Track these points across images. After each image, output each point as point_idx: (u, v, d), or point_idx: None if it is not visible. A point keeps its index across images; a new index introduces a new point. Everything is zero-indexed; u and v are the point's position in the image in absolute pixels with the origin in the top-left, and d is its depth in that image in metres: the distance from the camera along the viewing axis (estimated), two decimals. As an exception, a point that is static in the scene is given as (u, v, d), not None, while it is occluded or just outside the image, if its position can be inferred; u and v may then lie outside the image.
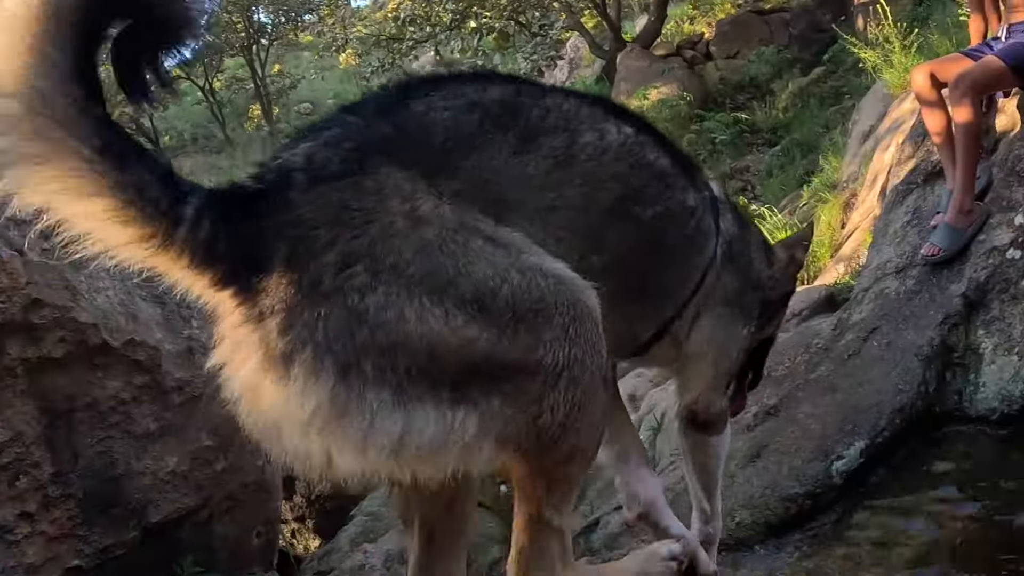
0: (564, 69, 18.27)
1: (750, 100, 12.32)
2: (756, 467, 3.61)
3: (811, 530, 3.37)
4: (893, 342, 3.92)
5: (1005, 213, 4.00)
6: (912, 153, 4.92)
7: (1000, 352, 3.73)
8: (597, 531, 4.09)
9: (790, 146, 10.27)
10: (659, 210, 1.76)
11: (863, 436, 3.55)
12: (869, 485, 3.52)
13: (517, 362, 1.36)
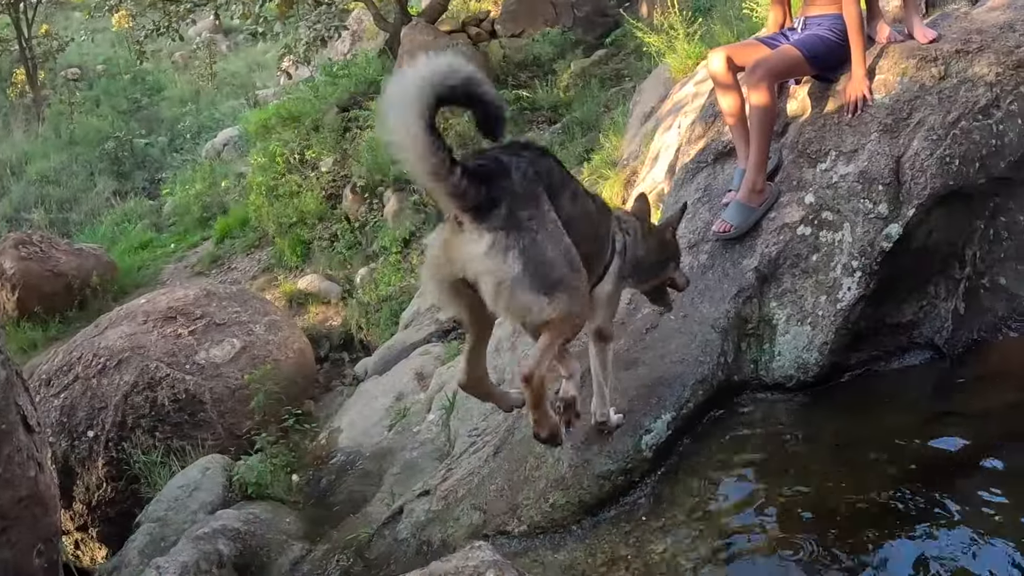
0: (347, 41, 17.85)
1: (532, 79, 12.47)
2: (566, 446, 3.58)
3: (627, 506, 3.42)
4: (690, 315, 4.04)
5: (795, 192, 4.21)
6: (703, 133, 5.08)
7: (793, 323, 3.93)
8: (402, 520, 3.97)
9: (571, 124, 10.49)
10: (601, 231, 3.10)
11: (669, 409, 3.64)
12: (677, 456, 3.61)
13: (575, 282, 2.64)
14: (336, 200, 11.69)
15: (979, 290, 4.14)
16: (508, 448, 3.84)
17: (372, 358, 7.89)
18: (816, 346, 3.84)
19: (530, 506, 3.49)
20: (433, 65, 2.30)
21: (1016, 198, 4.24)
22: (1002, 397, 3.74)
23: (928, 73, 4.19)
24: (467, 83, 2.34)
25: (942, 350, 3.97)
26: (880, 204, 3.93)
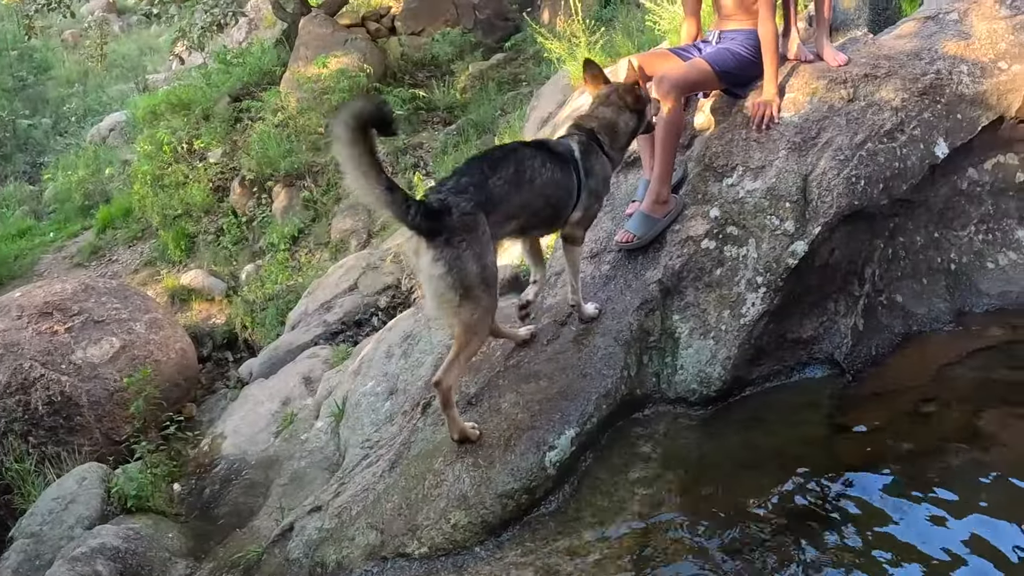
0: (243, 28, 17.37)
1: (430, 78, 12.38)
2: (465, 463, 3.50)
3: (531, 525, 3.34)
4: (592, 327, 3.98)
5: (700, 205, 4.20)
6: (606, 140, 5.02)
7: (696, 336, 3.91)
8: (293, 538, 3.78)
9: (466, 126, 10.45)
10: (561, 187, 3.68)
11: (573, 424, 3.57)
12: (580, 471, 3.55)
13: (484, 298, 3.37)
14: (223, 193, 11.36)
15: (877, 307, 4.23)
16: (404, 463, 3.70)
17: (257, 360, 7.63)
18: (719, 360, 3.83)
19: (431, 527, 3.36)
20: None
21: (915, 219, 4.37)
22: (897, 411, 3.81)
23: (837, 95, 4.27)
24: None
25: (841, 365, 4.02)
26: (787, 221, 3.96)
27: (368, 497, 3.68)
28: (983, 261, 4.53)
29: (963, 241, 4.54)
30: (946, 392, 3.93)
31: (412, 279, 7.06)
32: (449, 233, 3.22)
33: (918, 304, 4.34)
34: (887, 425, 3.72)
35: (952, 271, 4.48)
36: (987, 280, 4.50)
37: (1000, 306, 4.44)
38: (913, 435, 3.66)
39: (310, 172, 10.64)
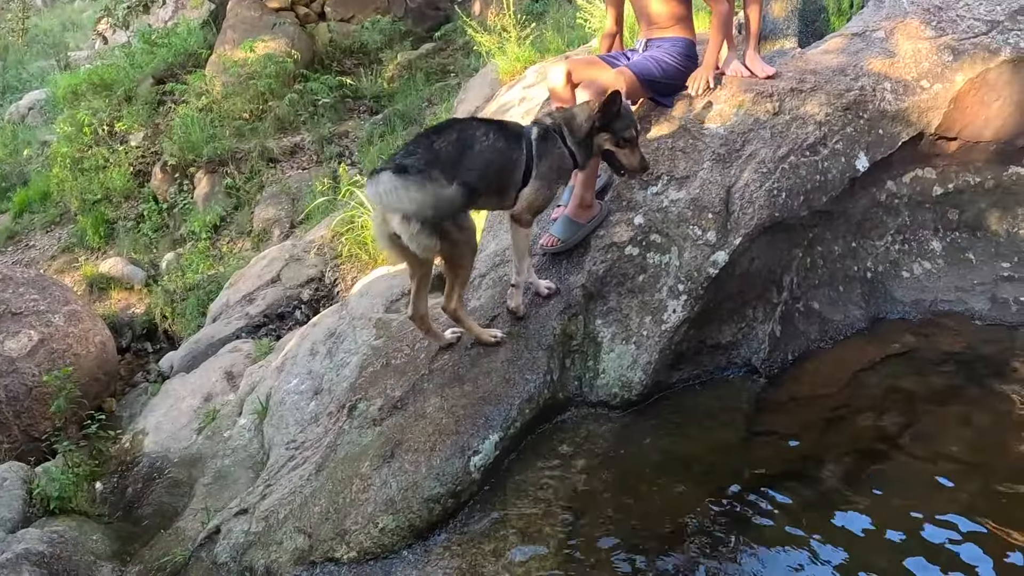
0: (170, 7, 16.98)
1: (358, 66, 12.27)
2: (392, 467, 3.52)
3: (457, 529, 3.37)
4: (515, 331, 4.02)
5: (625, 212, 4.26)
6: (534, 142, 5.04)
7: (618, 341, 3.98)
8: (220, 541, 3.74)
9: (392, 116, 10.38)
10: (508, 163, 3.79)
11: (496, 428, 3.61)
12: (503, 475, 3.59)
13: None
14: (144, 178, 11.10)
15: (794, 314, 4.34)
16: (331, 466, 3.70)
17: (178, 353, 7.48)
18: (640, 365, 3.90)
19: (359, 531, 3.37)
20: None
21: (833, 229, 4.50)
22: (813, 415, 3.93)
23: (763, 108, 4.37)
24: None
25: (759, 370, 4.13)
26: (709, 231, 4.04)
27: (295, 500, 3.67)
28: (898, 270, 4.69)
29: (879, 251, 4.68)
30: (858, 398, 4.05)
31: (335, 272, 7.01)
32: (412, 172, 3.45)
33: (834, 311, 4.47)
34: (801, 430, 3.83)
35: (868, 279, 4.62)
36: (902, 288, 4.65)
37: (913, 313, 4.59)
38: (826, 440, 3.78)
39: (233, 158, 10.47)
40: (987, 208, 4.76)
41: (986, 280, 4.66)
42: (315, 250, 7.35)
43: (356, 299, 5.28)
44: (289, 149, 10.59)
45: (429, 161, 3.50)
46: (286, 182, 9.99)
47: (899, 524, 3.30)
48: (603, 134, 3.92)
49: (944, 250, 4.76)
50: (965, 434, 3.84)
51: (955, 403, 4.02)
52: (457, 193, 3.42)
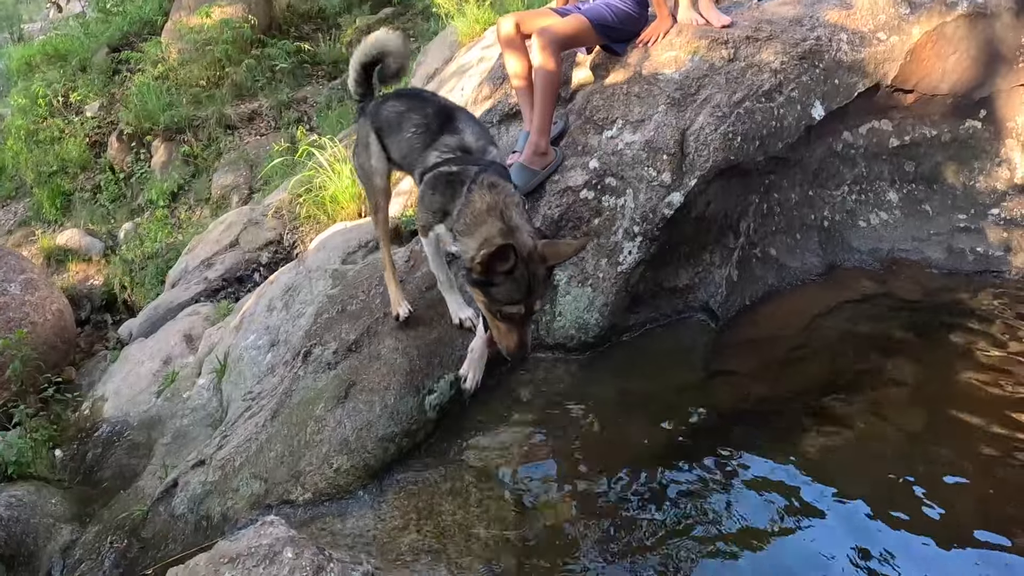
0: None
1: (316, 31, 12.08)
2: (347, 408, 3.50)
3: (413, 468, 3.36)
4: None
5: (580, 157, 4.26)
6: (489, 94, 5.06)
7: (574, 284, 3.97)
8: (178, 494, 3.72)
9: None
10: (416, 143, 3.58)
11: (452, 368, 3.60)
12: (460, 415, 3.59)
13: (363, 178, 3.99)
14: (101, 148, 10.93)
15: (751, 259, 4.37)
16: (286, 412, 3.67)
17: (137, 319, 7.40)
18: (596, 307, 3.90)
19: (313, 472, 3.36)
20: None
21: (789, 177, 4.52)
22: (770, 357, 3.96)
23: (718, 54, 4.37)
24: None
25: (716, 314, 4.14)
26: (663, 173, 4.03)
27: (251, 448, 3.65)
28: (855, 220, 4.73)
29: (836, 200, 4.72)
30: (815, 341, 4.10)
31: (293, 234, 6.95)
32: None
33: (791, 258, 4.50)
34: (759, 371, 3.87)
35: (825, 228, 4.65)
36: (859, 238, 4.70)
37: (871, 261, 4.65)
38: (782, 380, 3.82)
39: (190, 126, 10.33)
40: (944, 161, 4.81)
41: (943, 231, 4.72)
42: (272, 213, 7.27)
43: (313, 254, 5.25)
44: (247, 115, 10.46)
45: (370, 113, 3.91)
46: (244, 149, 9.88)
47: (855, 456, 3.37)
48: (476, 290, 3.04)
49: (901, 201, 4.81)
50: (920, 375, 3.89)
51: (911, 346, 4.07)
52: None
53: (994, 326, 4.18)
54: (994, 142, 4.78)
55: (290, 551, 2.06)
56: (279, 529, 2.15)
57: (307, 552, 2.07)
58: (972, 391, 3.73)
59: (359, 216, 6.11)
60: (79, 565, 3.83)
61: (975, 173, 4.79)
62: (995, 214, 4.70)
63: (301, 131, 8.40)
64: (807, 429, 3.51)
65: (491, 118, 4.81)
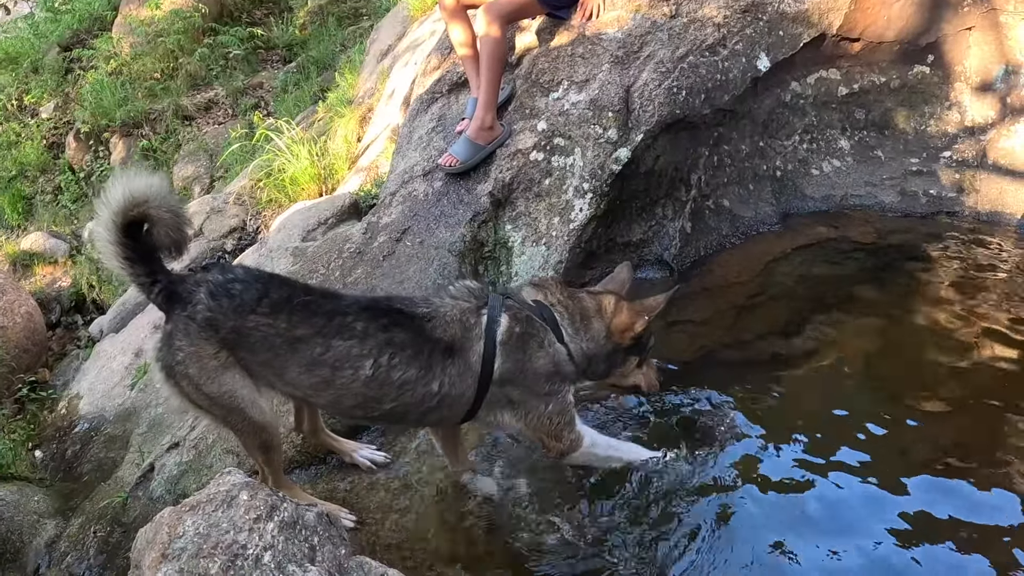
0: (71, -28, 16.35)
1: (268, 16, 11.95)
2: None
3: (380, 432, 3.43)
4: (426, 240, 4.06)
5: (528, 120, 4.30)
6: (438, 64, 5.07)
7: (529, 244, 4.03)
8: (155, 478, 3.77)
9: (306, 63, 10.20)
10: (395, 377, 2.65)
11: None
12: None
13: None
14: (59, 149, 10.83)
15: (704, 211, 4.44)
16: (254, 387, 3.71)
17: (107, 316, 7.36)
18: (551, 265, 3.95)
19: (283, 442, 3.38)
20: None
21: (739, 129, 4.59)
22: (726, 303, 4.05)
23: (660, 11, 4.42)
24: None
25: (671, 266, 4.22)
26: (610, 130, 4.08)
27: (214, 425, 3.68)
28: (808, 168, 4.81)
29: (788, 150, 4.79)
30: (771, 286, 4.19)
31: (256, 219, 6.95)
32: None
33: (744, 208, 4.58)
34: (717, 318, 3.96)
35: (778, 177, 4.73)
36: (812, 185, 4.78)
37: (824, 208, 4.74)
38: (740, 326, 3.91)
39: (148, 120, 10.24)
40: (894, 107, 4.88)
41: (895, 175, 4.81)
42: (235, 199, 7.25)
43: (274, 234, 5.27)
44: (204, 105, 10.38)
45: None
46: (203, 139, 9.82)
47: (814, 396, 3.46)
48: (630, 359, 2.92)
49: (852, 148, 4.89)
50: (877, 314, 3.99)
51: (867, 286, 4.18)
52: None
53: (948, 265, 4.28)
54: (943, 86, 4.84)
55: (245, 494, 2.12)
56: (236, 477, 2.22)
57: (261, 494, 2.14)
58: (929, 328, 3.84)
59: (319, 195, 6.12)
60: (65, 557, 3.85)
61: (926, 118, 4.86)
62: (947, 157, 4.78)
63: (258, 116, 8.33)
64: (766, 372, 3.58)
65: (440, 87, 4.83)
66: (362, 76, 7.97)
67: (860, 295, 4.11)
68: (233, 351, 2.58)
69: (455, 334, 2.61)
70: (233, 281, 2.61)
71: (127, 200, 2.48)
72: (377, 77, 7.33)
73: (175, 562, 1.98)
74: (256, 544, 2.03)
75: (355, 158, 6.44)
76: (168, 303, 2.62)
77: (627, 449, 2.93)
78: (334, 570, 2.10)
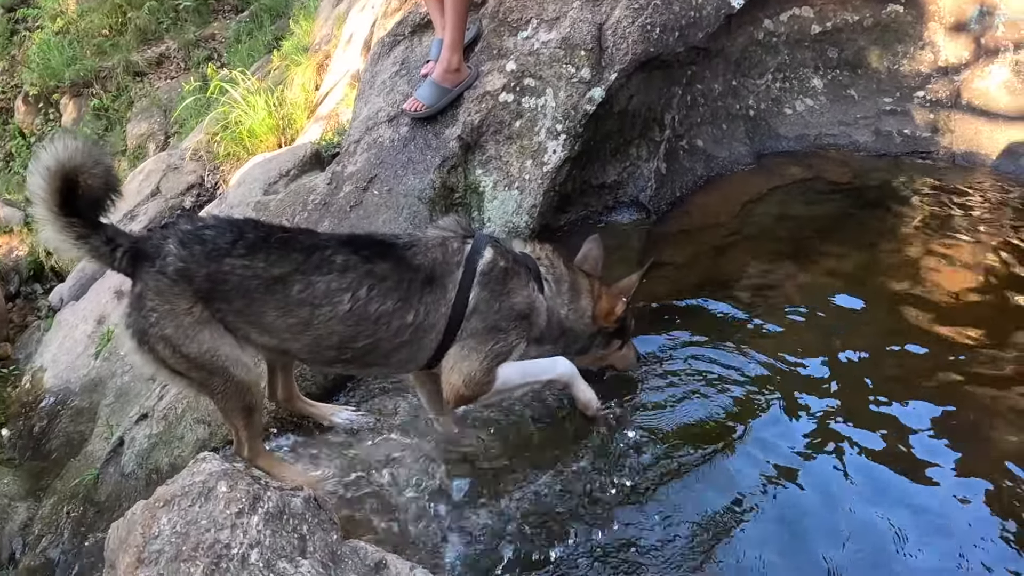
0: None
1: (218, -37, 11.73)
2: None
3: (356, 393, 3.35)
4: (394, 188, 3.93)
5: (496, 60, 4.15)
6: (399, 6, 4.94)
7: (501, 188, 3.91)
8: (125, 452, 3.63)
9: (259, 11, 10.02)
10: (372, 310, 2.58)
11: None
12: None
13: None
14: (8, 114, 10.60)
15: (679, 152, 4.35)
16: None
17: (66, 284, 7.20)
18: (525, 209, 3.84)
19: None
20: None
21: (712, 68, 4.50)
22: (703, 245, 4.00)
23: (633, -54, 4.24)
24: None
25: (647, 207, 4.12)
26: (583, 69, 3.95)
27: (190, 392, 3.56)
28: (781, 107, 4.75)
29: (761, 89, 4.73)
30: (748, 226, 4.14)
31: (215, 174, 6.79)
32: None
33: (719, 148, 4.51)
34: (694, 259, 3.90)
35: (751, 117, 4.67)
36: (785, 125, 4.74)
37: (798, 148, 4.70)
38: (718, 267, 3.86)
39: (98, 78, 10.04)
40: (867, 46, 4.83)
41: (869, 114, 4.78)
42: (191, 155, 7.07)
43: (234, 190, 5.12)
44: (155, 60, 10.18)
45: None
46: (155, 94, 9.62)
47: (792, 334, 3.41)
48: (613, 341, 2.96)
49: (826, 87, 4.84)
50: (853, 252, 3.96)
51: (845, 225, 4.15)
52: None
53: (924, 205, 4.26)
54: (917, 25, 4.77)
55: (224, 485, 1.96)
56: (212, 464, 2.05)
57: (241, 483, 1.98)
58: (904, 265, 3.82)
59: (279, 146, 5.97)
60: (39, 541, 3.73)
61: (899, 57, 4.81)
62: (921, 96, 4.74)
63: (211, 68, 8.14)
64: (743, 311, 3.55)
65: (402, 30, 4.67)
66: (317, 22, 7.81)
67: (836, 235, 4.07)
68: (208, 303, 2.44)
69: (435, 259, 2.54)
70: (204, 228, 2.48)
71: (50, 176, 2.31)
72: (333, 23, 7.17)
73: (153, 567, 1.82)
74: (241, 542, 1.86)
75: (314, 107, 6.30)
76: (134, 264, 2.45)
77: (538, 369, 2.76)
78: (327, 560, 1.93)
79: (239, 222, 2.55)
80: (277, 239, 2.48)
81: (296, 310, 2.44)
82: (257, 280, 2.42)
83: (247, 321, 2.47)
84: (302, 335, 2.48)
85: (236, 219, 2.60)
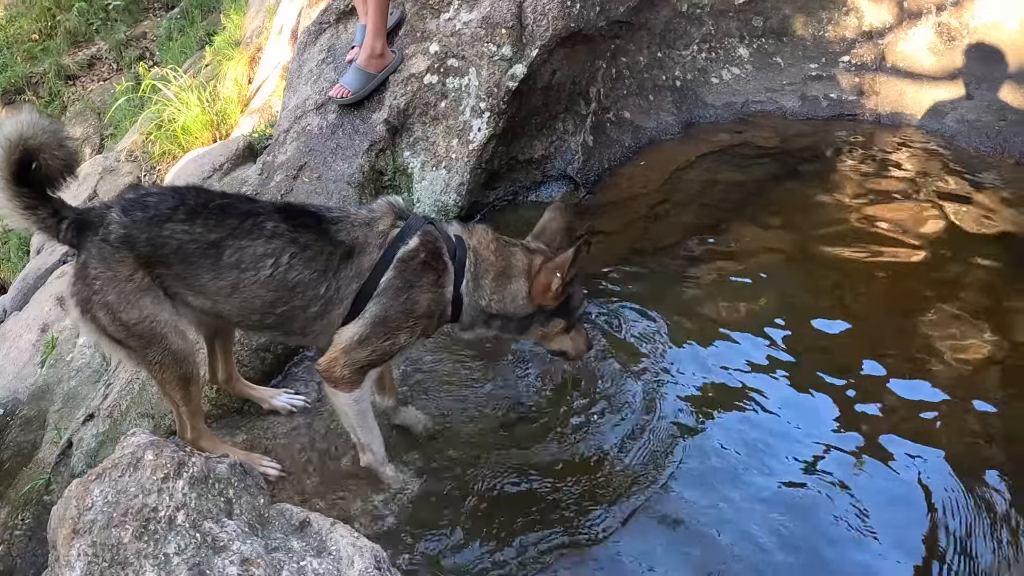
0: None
1: (146, -41, 11.57)
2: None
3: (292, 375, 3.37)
4: (324, 175, 3.95)
5: (420, 43, 4.18)
6: (324, -7, 4.90)
7: (428, 168, 3.95)
8: (74, 453, 3.63)
9: (189, 8, 9.89)
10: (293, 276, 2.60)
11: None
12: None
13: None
14: (-61, 126, 10.34)
15: (606, 124, 4.42)
16: (164, 344, 3.59)
17: (8, 295, 7.14)
18: (453, 188, 3.89)
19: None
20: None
21: (636, 41, 4.57)
22: (634, 214, 4.06)
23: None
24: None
25: (576, 180, 4.19)
26: (504, 47, 3.99)
27: (134, 388, 3.56)
28: (707, 77, 4.84)
29: (686, 59, 4.80)
30: (678, 193, 4.21)
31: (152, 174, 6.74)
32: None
33: (646, 119, 4.58)
34: (625, 228, 3.96)
35: (678, 87, 4.74)
36: (712, 94, 4.82)
37: (726, 116, 4.79)
38: (649, 234, 3.93)
39: (29, 84, 9.87)
40: (791, 14, 4.92)
41: (795, 80, 4.88)
42: (127, 156, 7.01)
43: (169, 187, 5.13)
44: (86, 62, 10.03)
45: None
46: (88, 97, 9.49)
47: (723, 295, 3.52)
48: (554, 321, 2.80)
49: (752, 56, 4.93)
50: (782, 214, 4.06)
51: (772, 190, 4.23)
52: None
53: (852, 166, 4.38)
54: (841, -8, 4.86)
55: (150, 453, 2.02)
56: (140, 437, 2.11)
57: (167, 451, 2.03)
58: (832, 225, 3.92)
59: (213, 141, 5.94)
60: (-4, 550, 3.72)
61: (824, 23, 4.92)
62: (846, 61, 4.85)
63: (143, 67, 8.06)
64: (675, 276, 3.62)
65: (327, 17, 4.67)
66: (249, 15, 7.75)
67: (765, 198, 4.16)
68: (149, 269, 2.50)
69: (357, 238, 2.56)
70: (147, 196, 2.54)
71: (11, 147, 2.37)
72: (264, 15, 7.13)
73: (87, 536, 1.87)
74: (167, 505, 1.92)
75: (247, 100, 6.27)
76: (79, 234, 2.51)
77: (374, 439, 2.76)
78: (254, 521, 2.00)
79: (181, 189, 2.61)
80: (216, 205, 2.52)
81: (226, 273, 2.50)
82: (195, 244, 2.47)
83: (185, 284, 2.53)
84: (231, 297, 2.54)
85: (179, 187, 2.68)
